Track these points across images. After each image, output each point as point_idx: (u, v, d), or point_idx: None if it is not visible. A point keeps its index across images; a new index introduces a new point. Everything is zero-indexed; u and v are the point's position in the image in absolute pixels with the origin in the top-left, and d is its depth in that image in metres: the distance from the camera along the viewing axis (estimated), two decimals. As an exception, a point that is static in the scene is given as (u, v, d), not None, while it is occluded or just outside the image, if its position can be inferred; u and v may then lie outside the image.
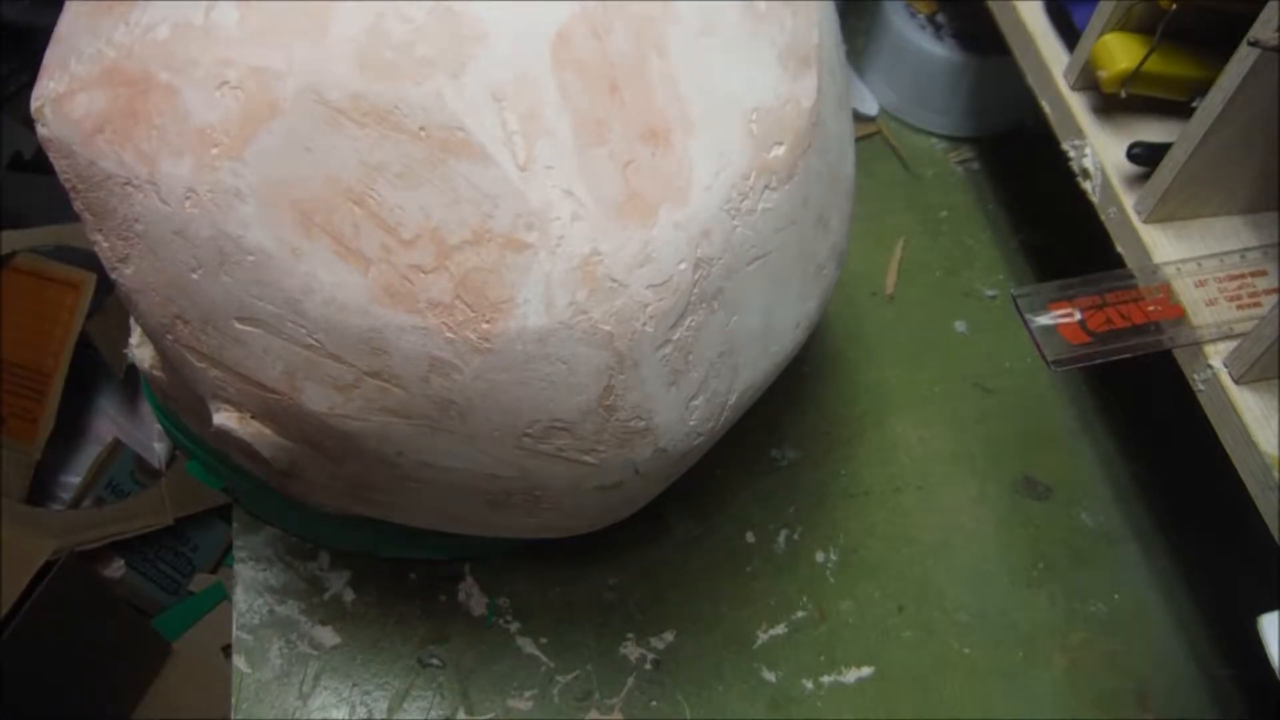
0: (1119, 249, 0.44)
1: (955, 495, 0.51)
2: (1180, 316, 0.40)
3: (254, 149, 0.28)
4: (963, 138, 0.65)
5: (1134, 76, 0.43)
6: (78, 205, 0.31)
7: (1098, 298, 0.40)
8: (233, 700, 0.43)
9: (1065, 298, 0.40)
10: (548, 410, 0.31)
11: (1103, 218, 0.45)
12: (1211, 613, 0.49)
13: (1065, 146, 0.47)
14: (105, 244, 0.31)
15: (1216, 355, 0.39)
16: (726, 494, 0.50)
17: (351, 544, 0.46)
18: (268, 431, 0.32)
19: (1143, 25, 0.44)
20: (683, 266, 0.31)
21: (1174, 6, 0.41)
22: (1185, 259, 0.42)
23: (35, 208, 0.89)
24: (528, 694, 0.44)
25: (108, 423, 0.94)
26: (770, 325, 0.36)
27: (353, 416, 0.31)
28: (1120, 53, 0.44)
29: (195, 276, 0.30)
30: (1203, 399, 0.40)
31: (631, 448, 0.33)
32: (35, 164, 0.97)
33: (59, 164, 0.31)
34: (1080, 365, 0.39)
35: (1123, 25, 0.44)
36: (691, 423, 0.35)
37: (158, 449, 0.92)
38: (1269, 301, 0.40)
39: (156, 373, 0.39)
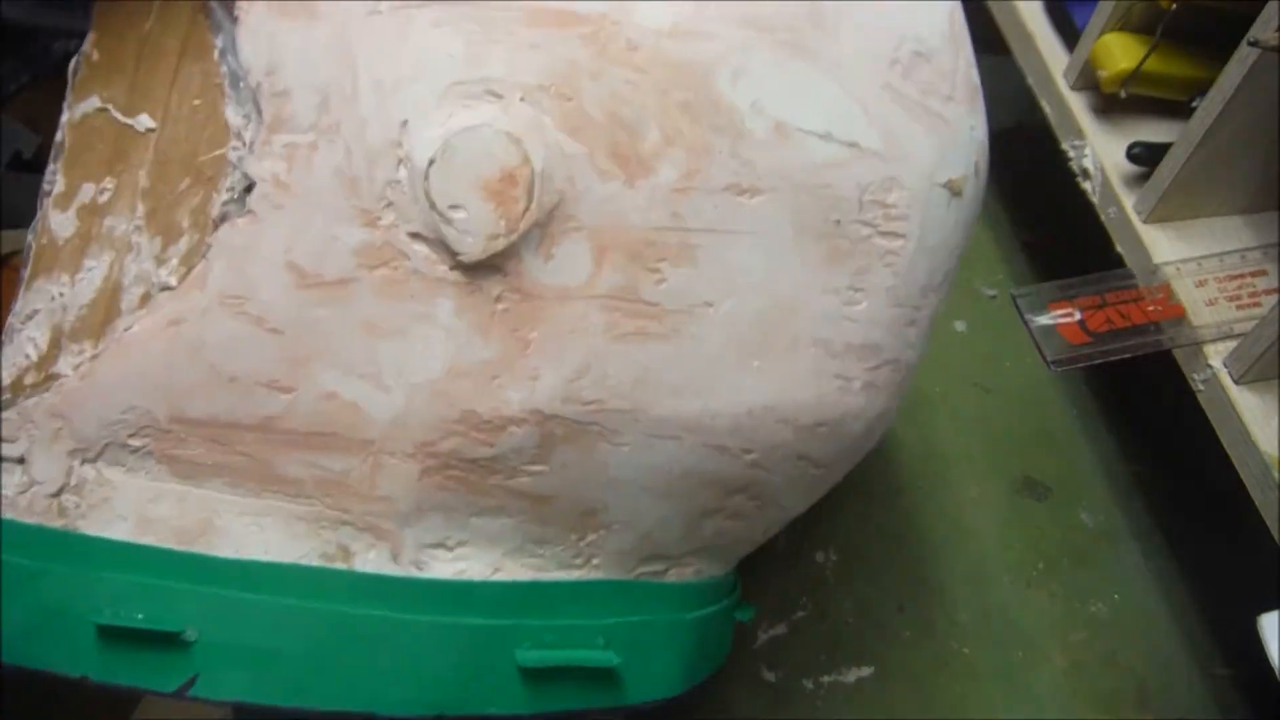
0: (1119, 249, 0.44)
1: (955, 495, 0.51)
2: (1180, 316, 0.40)
3: None
4: (963, 138, 0.65)
5: (1134, 76, 0.43)
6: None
7: (1098, 298, 0.41)
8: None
9: (1065, 298, 0.40)
10: None
11: (1103, 218, 0.45)
12: (1211, 613, 0.49)
13: (1065, 146, 0.47)
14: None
15: (1216, 355, 0.39)
16: (726, 494, 0.50)
17: None
18: None
19: (1143, 25, 0.44)
20: None
21: (1174, 6, 0.41)
22: (1185, 259, 0.42)
23: (35, 208, 0.88)
24: (528, 694, 0.44)
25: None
26: None
27: None
28: (1120, 53, 0.44)
29: None
30: (1203, 399, 0.40)
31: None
32: (35, 164, 0.97)
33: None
34: (1080, 365, 0.39)
35: (1123, 25, 0.44)
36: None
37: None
38: (1269, 301, 0.40)
39: None
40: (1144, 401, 0.55)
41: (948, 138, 0.29)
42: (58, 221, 0.28)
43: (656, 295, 0.27)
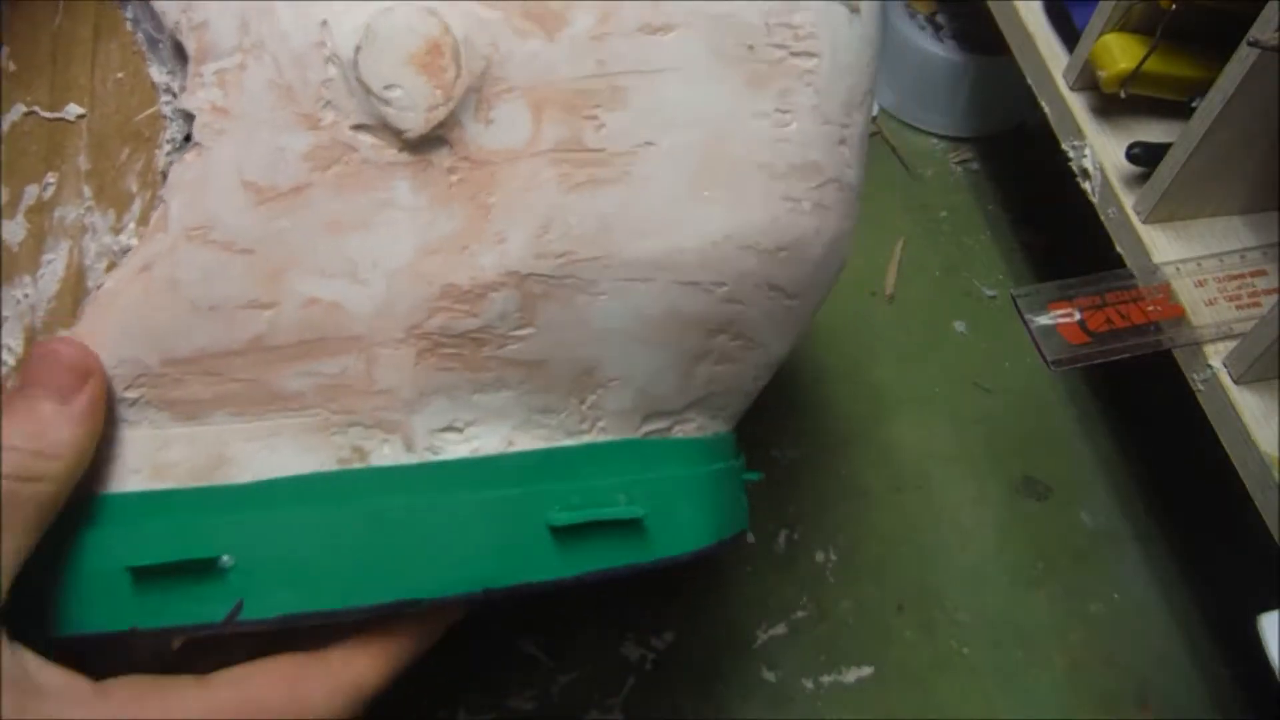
0: (1119, 249, 0.44)
1: (955, 495, 0.51)
2: (1180, 316, 0.40)
3: None
4: (963, 138, 0.65)
5: (1134, 76, 0.43)
6: None
7: (1098, 298, 0.41)
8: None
9: (1065, 298, 0.40)
10: None
11: (1103, 218, 0.45)
12: (1211, 613, 0.49)
13: (1065, 146, 0.47)
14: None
15: (1216, 355, 0.39)
16: (726, 494, 0.50)
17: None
18: None
19: (1143, 25, 0.44)
20: None
21: (1174, 6, 0.41)
22: (1185, 259, 0.42)
23: None
24: (528, 694, 0.44)
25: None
26: None
27: None
28: (1120, 53, 0.44)
29: None
30: (1203, 399, 0.40)
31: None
32: None
33: None
34: (1080, 365, 0.39)
35: (1123, 25, 0.44)
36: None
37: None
38: (1269, 301, 0.40)
39: None
40: (1144, 401, 0.55)
41: None
42: (8, 230, 0.28)
43: (599, 141, 0.28)
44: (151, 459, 0.28)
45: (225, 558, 0.27)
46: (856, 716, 0.45)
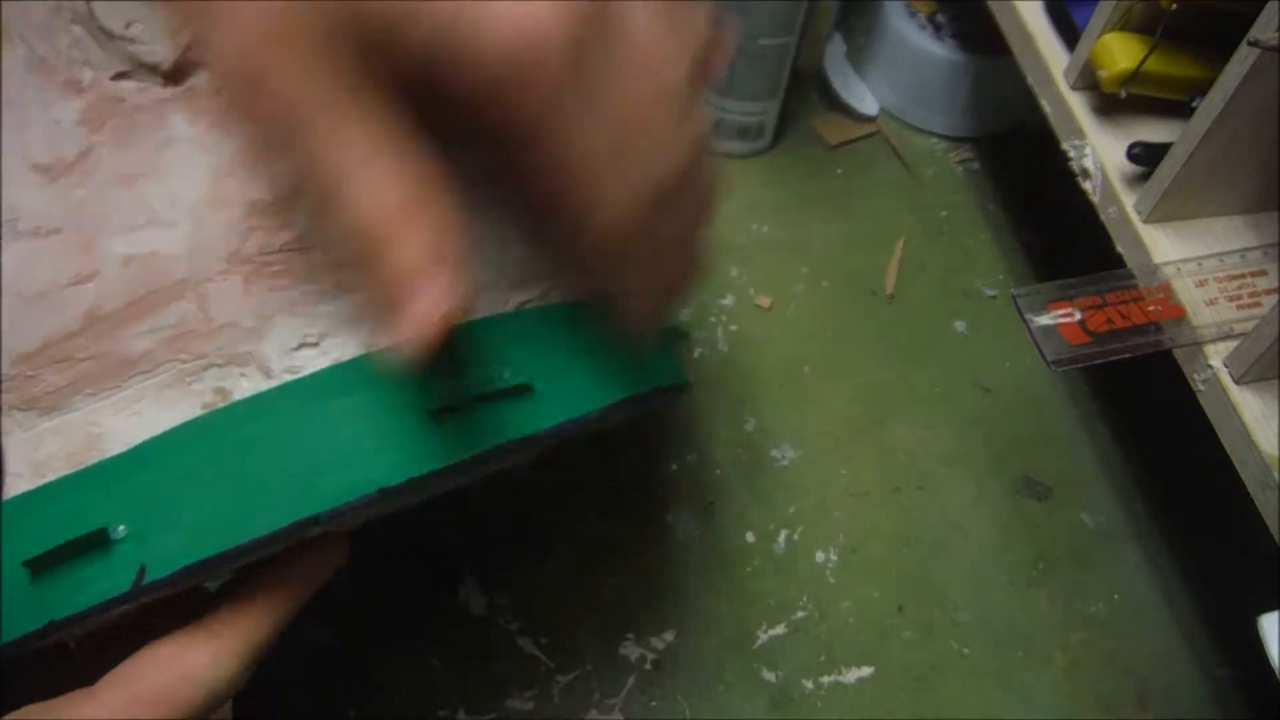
0: (1119, 249, 0.44)
1: (955, 495, 0.51)
2: (1180, 316, 0.40)
3: None
4: (963, 138, 0.65)
5: (1134, 76, 0.43)
6: None
7: (1098, 298, 0.41)
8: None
9: (1065, 298, 0.40)
10: None
11: (1103, 218, 0.45)
12: (1211, 613, 0.49)
13: (1065, 146, 0.47)
14: None
15: (1216, 355, 0.39)
16: (726, 494, 0.50)
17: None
18: None
19: (1143, 25, 0.44)
20: None
21: (1174, 6, 0.41)
22: (1185, 259, 0.42)
23: None
24: (528, 694, 0.44)
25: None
26: None
27: None
28: (1120, 53, 0.44)
29: None
30: (1203, 399, 0.40)
31: None
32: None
33: None
34: (1080, 365, 0.39)
35: (1123, 25, 0.44)
36: None
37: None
38: (1269, 301, 0.40)
39: None
40: (1144, 401, 0.55)
41: None
42: None
43: None
44: (30, 459, 0.28)
45: (120, 527, 0.26)
46: (856, 716, 0.45)
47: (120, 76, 0.27)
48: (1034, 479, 0.52)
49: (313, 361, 0.28)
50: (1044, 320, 0.40)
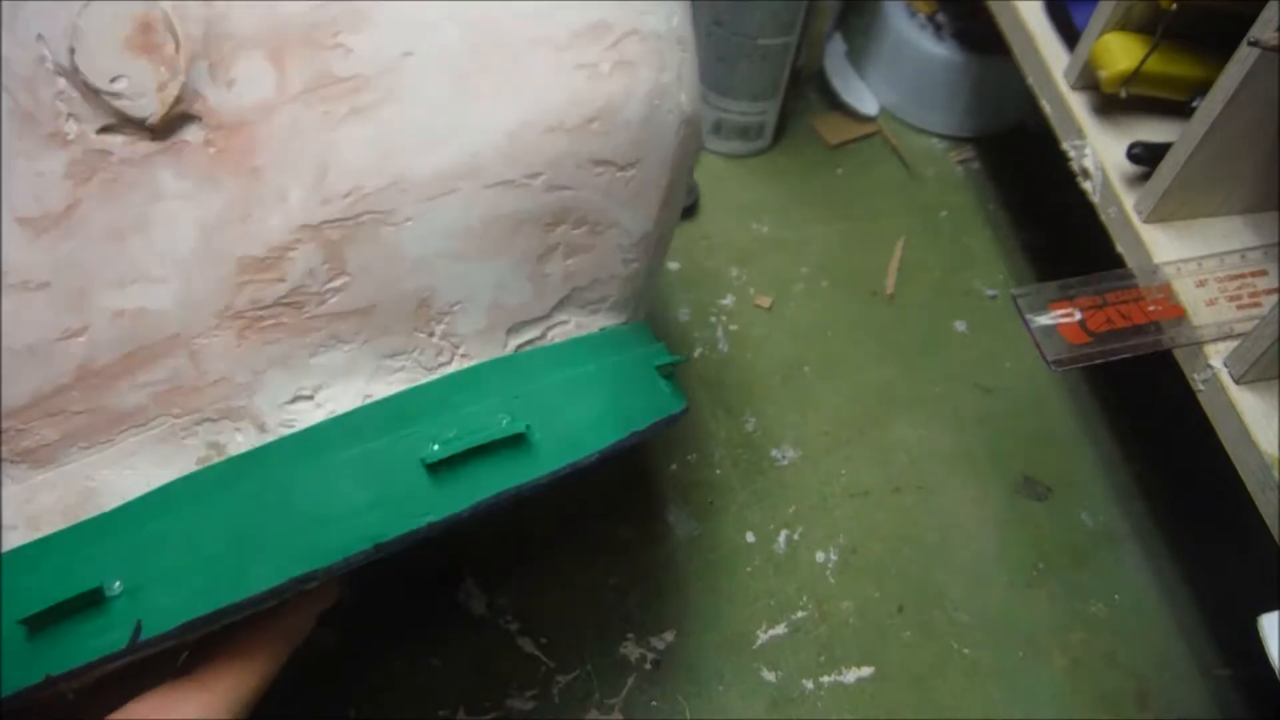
0: (1119, 249, 0.44)
1: (955, 495, 0.51)
2: (1180, 316, 0.40)
3: None
4: (963, 138, 0.65)
5: (1134, 76, 0.43)
6: None
7: (1098, 298, 0.41)
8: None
9: (1065, 298, 0.40)
10: None
11: (1103, 218, 0.45)
12: (1211, 613, 0.49)
13: (1065, 146, 0.47)
14: None
15: (1216, 355, 0.39)
16: (726, 494, 0.50)
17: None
18: None
19: (1143, 25, 0.44)
20: None
21: (1174, 6, 0.41)
22: (1185, 259, 0.42)
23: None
24: (528, 694, 0.44)
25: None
26: None
27: None
28: (1120, 53, 0.44)
29: None
30: (1203, 399, 0.40)
31: None
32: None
33: None
34: (1080, 365, 0.39)
35: (1123, 25, 0.44)
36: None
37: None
38: (1269, 301, 0.40)
39: None
40: (1144, 401, 0.55)
41: None
42: None
43: (352, 67, 0.27)
44: (24, 512, 0.28)
45: (115, 584, 0.26)
46: (856, 716, 0.45)
47: (106, 130, 0.26)
48: (1034, 479, 0.52)
49: (308, 414, 0.28)
50: (1044, 320, 0.40)
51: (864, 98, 0.66)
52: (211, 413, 0.28)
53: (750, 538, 0.49)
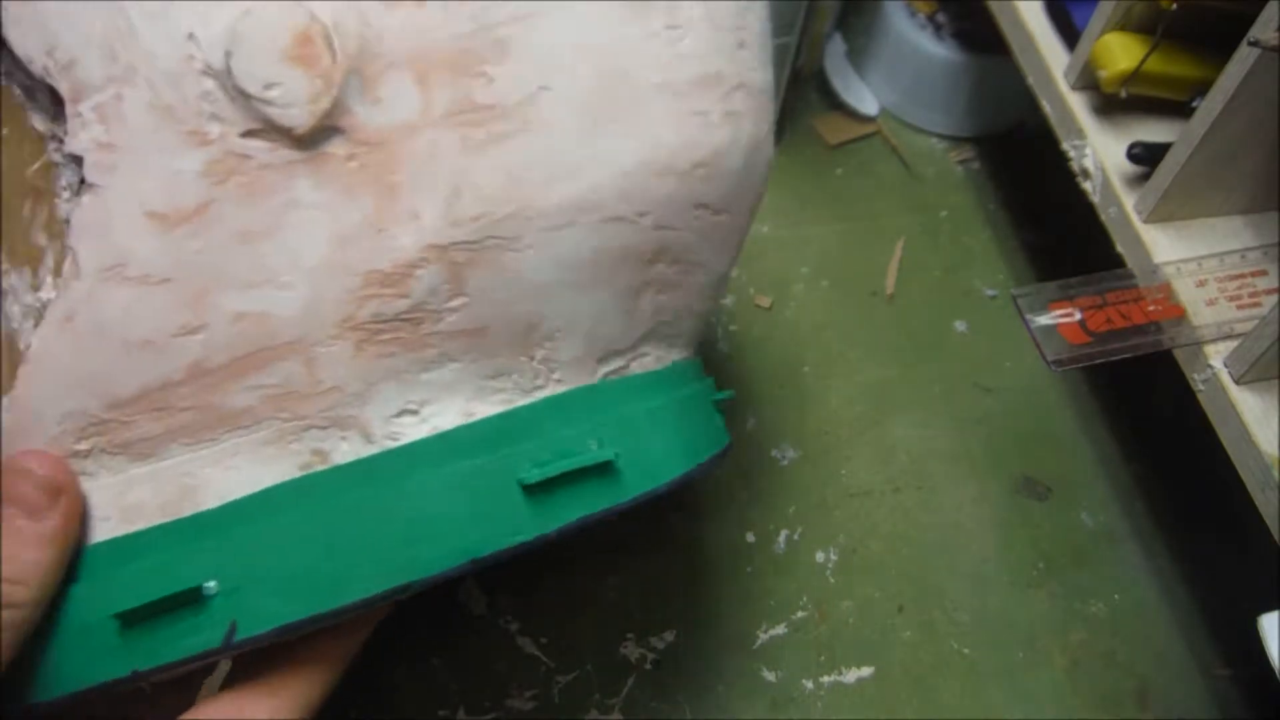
0: (1119, 249, 0.44)
1: (955, 495, 0.51)
2: (1180, 316, 0.40)
3: None
4: (963, 138, 0.65)
5: (1134, 76, 0.43)
6: None
7: (1098, 298, 0.41)
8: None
9: (1065, 298, 0.40)
10: None
11: (1103, 218, 0.45)
12: (1211, 613, 0.49)
13: (1065, 146, 0.47)
14: None
15: (1216, 355, 0.39)
16: (726, 494, 0.50)
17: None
18: None
19: (1143, 25, 0.44)
20: None
21: (1174, 6, 0.41)
22: (1185, 259, 0.42)
23: None
24: (528, 694, 0.44)
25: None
26: None
27: None
28: (1120, 53, 0.44)
29: None
30: (1203, 399, 0.40)
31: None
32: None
33: None
34: (1080, 365, 0.39)
35: (1123, 25, 0.44)
36: None
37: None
38: (1269, 301, 0.40)
39: None
40: (1144, 401, 0.55)
41: None
42: None
43: (492, 96, 0.27)
44: (118, 503, 0.28)
45: (210, 584, 0.27)
46: (856, 716, 0.45)
47: (250, 134, 0.26)
48: (1034, 479, 0.52)
49: (412, 429, 0.29)
50: (1044, 320, 0.40)
51: (864, 98, 0.66)
52: (320, 420, 0.28)
53: (750, 538, 0.49)
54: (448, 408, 0.29)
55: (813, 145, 0.65)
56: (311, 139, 0.26)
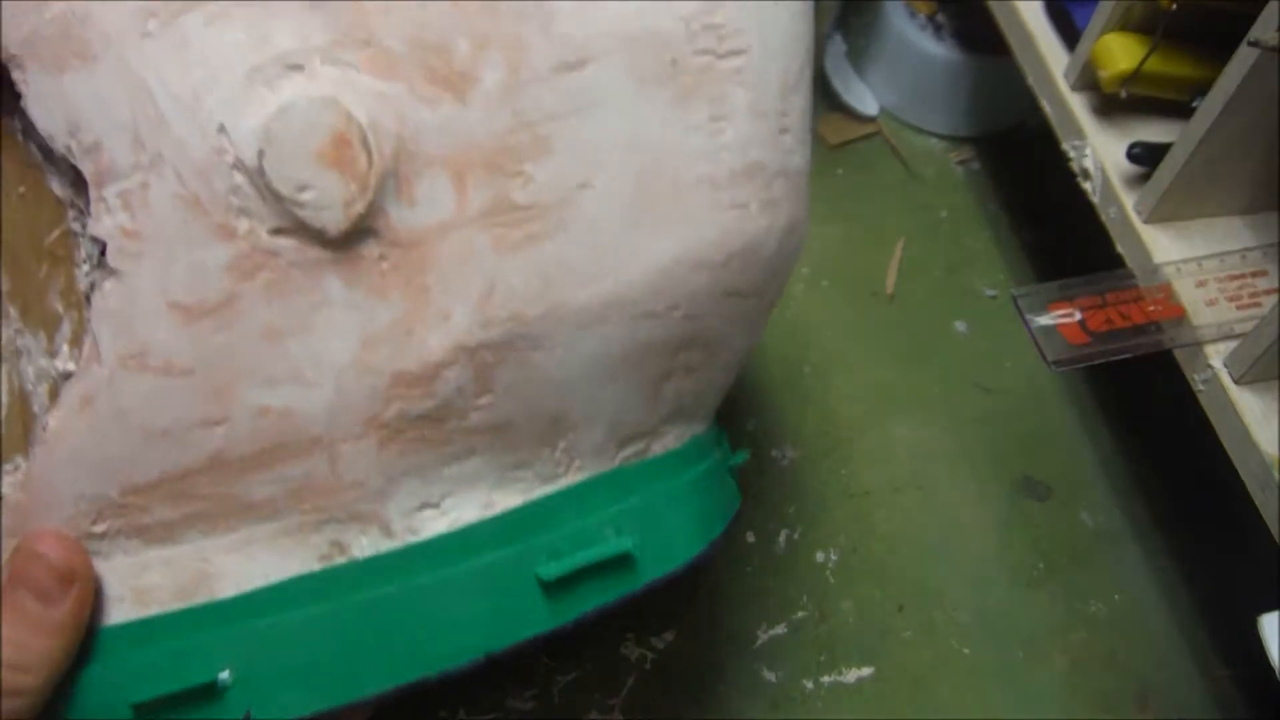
0: (1119, 249, 0.44)
1: (955, 495, 0.51)
2: (1180, 316, 0.40)
3: None
4: (963, 138, 0.65)
5: (1134, 76, 0.43)
6: None
7: (1098, 298, 0.41)
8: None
9: (1065, 298, 0.40)
10: None
11: (1103, 218, 0.45)
12: (1211, 613, 0.49)
13: (1065, 146, 0.47)
14: None
15: (1216, 355, 0.39)
16: (726, 494, 0.50)
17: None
18: None
19: (1143, 25, 0.44)
20: None
21: (1174, 6, 0.41)
22: (1185, 259, 0.42)
23: None
24: (528, 694, 0.44)
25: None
26: None
27: None
28: (1120, 53, 0.44)
29: None
30: (1203, 399, 0.40)
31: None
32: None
33: None
34: (1080, 365, 0.39)
35: (1123, 25, 0.44)
36: None
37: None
38: (1269, 301, 0.40)
39: None
40: (1144, 401, 0.55)
41: None
42: None
43: (529, 196, 0.27)
44: (132, 585, 0.27)
45: (224, 674, 0.27)
46: (856, 716, 0.45)
47: (279, 232, 0.25)
48: (1034, 479, 0.52)
49: (432, 522, 0.29)
50: (1044, 320, 0.40)
51: (864, 98, 0.66)
52: (340, 514, 0.28)
53: (750, 538, 0.49)
54: (468, 500, 0.29)
55: (813, 145, 0.64)
56: (343, 240, 0.26)
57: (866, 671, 0.46)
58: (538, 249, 0.27)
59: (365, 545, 0.28)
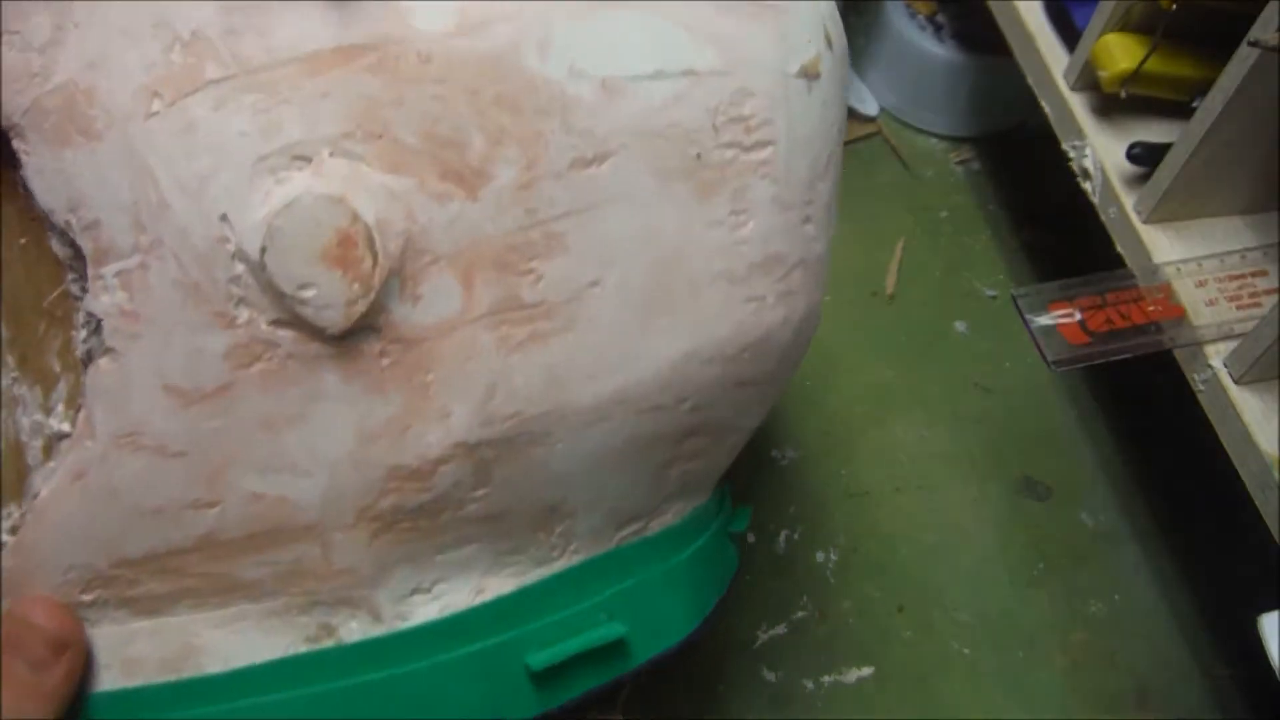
0: (1119, 249, 0.44)
1: (955, 495, 0.51)
2: (1180, 316, 0.40)
3: None
4: (963, 138, 0.65)
5: (1134, 76, 0.43)
6: None
7: (1098, 298, 0.41)
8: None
9: (1065, 298, 0.40)
10: None
11: (1103, 218, 0.45)
12: (1211, 613, 0.49)
13: (1065, 146, 0.47)
14: None
15: (1216, 355, 0.39)
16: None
17: None
18: None
19: (1143, 25, 0.44)
20: None
21: (1174, 6, 0.41)
22: (1185, 259, 0.42)
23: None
24: (528, 694, 0.44)
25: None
26: None
27: None
28: (1120, 53, 0.44)
29: None
30: (1203, 399, 0.40)
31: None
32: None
33: None
34: (1080, 365, 0.39)
35: (1123, 25, 0.44)
36: None
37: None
38: (1269, 301, 0.40)
39: None
40: (1144, 401, 0.55)
41: (786, 22, 0.28)
42: None
43: (538, 295, 0.26)
44: (119, 654, 0.27)
45: None
46: (856, 717, 0.45)
47: (279, 324, 0.25)
48: (1034, 479, 0.52)
49: (422, 608, 0.28)
50: (1044, 320, 0.40)
51: (864, 98, 0.66)
52: (330, 598, 0.28)
53: (750, 538, 0.49)
54: (460, 585, 0.29)
55: (813, 145, 0.65)
56: (344, 335, 0.25)
57: (866, 671, 0.46)
58: (544, 348, 0.26)
59: (354, 629, 0.28)
